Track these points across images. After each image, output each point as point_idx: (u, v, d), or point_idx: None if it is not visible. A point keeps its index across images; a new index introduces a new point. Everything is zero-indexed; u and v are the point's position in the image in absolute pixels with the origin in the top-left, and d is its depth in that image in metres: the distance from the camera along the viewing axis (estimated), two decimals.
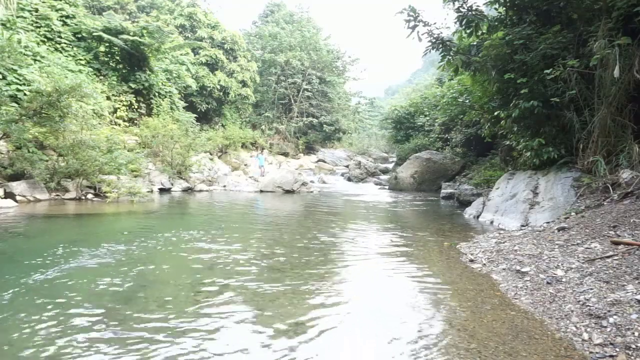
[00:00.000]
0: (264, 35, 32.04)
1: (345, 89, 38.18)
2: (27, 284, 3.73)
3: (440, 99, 16.32)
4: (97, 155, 10.13)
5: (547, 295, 3.41)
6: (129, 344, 2.62)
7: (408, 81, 74.96)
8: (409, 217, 8.95)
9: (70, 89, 9.58)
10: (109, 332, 2.80)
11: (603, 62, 6.24)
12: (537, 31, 7.31)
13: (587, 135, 6.77)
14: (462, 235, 6.41)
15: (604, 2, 6.40)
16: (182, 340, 2.69)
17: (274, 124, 31.30)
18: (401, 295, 3.74)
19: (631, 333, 2.56)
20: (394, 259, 5.01)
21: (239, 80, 25.57)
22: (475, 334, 2.82)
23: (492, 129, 10.16)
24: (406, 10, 8.10)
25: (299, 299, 3.53)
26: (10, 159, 9.64)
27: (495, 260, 4.66)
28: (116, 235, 5.95)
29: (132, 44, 15.55)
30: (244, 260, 4.79)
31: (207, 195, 12.65)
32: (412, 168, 15.50)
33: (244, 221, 8.22)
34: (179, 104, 18.72)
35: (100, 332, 2.80)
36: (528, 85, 7.16)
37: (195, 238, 5.98)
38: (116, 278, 3.96)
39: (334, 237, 6.29)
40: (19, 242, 5.51)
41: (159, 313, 3.14)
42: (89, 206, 9.22)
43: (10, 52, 9.89)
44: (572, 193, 6.50)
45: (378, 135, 40.05)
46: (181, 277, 4.14)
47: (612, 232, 4.36)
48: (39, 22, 13.66)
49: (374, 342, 2.76)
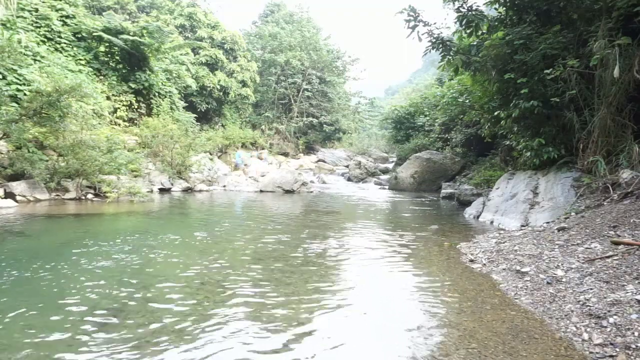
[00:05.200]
0: (264, 35, 32.05)
1: (345, 89, 38.17)
2: (27, 284, 3.73)
3: (440, 99, 16.32)
4: (97, 155, 10.12)
5: (547, 295, 3.41)
6: (128, 345, 2.61)
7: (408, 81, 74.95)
8: (409, 217, 8.95)
9: (70, 89, 9.57)
10: (108, 332, 2.80)
11: (603, 62, 6.24)
12: (537, 31, 7.31)
13: (587, 135, 6.78)
14: (462, 235, 6.41)
15: (604, 2, 6.40)
16: (182, 340, 2.69)
17: (274, 124, 31.30)
18: (401, 295, 3.73)
19: (631, 333, 2.56)
20: (394, 258, 5.01)
21: (239, 80, 25.58)
22: (475, 334, 2.82)
23: (492, 129, 10.16)
24: (406, 10, 8.11)
25: (298, 299, 3.53)
26: (10, 159, 9.63)
27: (496, 260, 4.66)
28: (116, 236, 5.95)
29: (132, 44, 15.55)
30: (244, 261, 4.79)
31: (207, 195, 12.65)
32: (412, 168, 15.50)
33: (243, 221, 8.22)
34: (179, 104, 18.72)
35: (100, 332, 2.80)
36: (528, 85, 7.16)
37: (196, 238, 5.98)
38: (116, 278, 3.96)
39: (334, 237, 6.29)
40: (19, 242, 5.50)
41: (158, 313, 3.13)
42: (89, 206, 9.22)
43: (10, 52, 9.88)
44: (572, 193, 6.50)
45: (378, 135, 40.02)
46: (181, 277, 4.13)
47: (612, 232, 4.35)
48: (39, 22, 13.65)
49: (374, 342, 2.76)
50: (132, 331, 2.80)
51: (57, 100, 9.45)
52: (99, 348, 2.56)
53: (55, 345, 2.60)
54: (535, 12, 7.68)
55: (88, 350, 2.53)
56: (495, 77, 7.95)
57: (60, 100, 9.52)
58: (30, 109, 9.30)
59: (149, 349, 2.56)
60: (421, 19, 8.10)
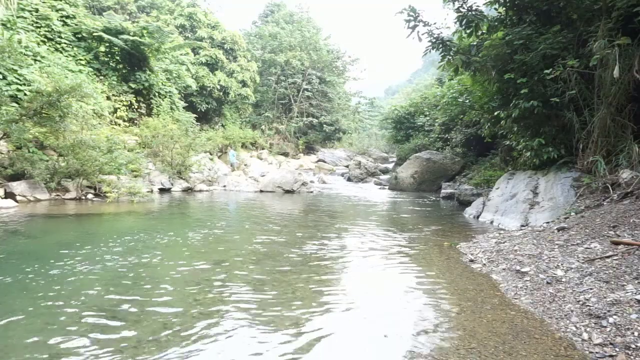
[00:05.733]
0: (264, 35, 32.05)
1: (345, 89, 38.18)
2: (26, 284, 3.74)
3: (440, 99, 16.32)
4: (97, 155, 10.12)
5: (547, 295, 3.42)
6: (128, 345, 2.62)
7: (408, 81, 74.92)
8: (409, 217, 8.96)
9: (70, 89, 9.58)
10: (108, 332, 2.80)
11: (603, 62, 6.25)
12: (537, 31, 7.31)
13: (587, 135, 6.78)
14: (462, 235, 6.42)
15: (604, 2, 6.40)
16: (182, 341, 2.69)
17: (274, 124, 31.31)
18: (401, 295, 3.74)
19: (631, 333, 2.57)
20: (394, 258, 5.01)
21: (239, 80, 25.57)
22: (475, 333, 2.82)
23: (492, 129, 10.17)
24: (406, 10, 8.11)
25: (298, 299, 3.53)
26: (10, 159, 9.64)
27: (495, 260, 4.66)
28: (116, 236, 5.95)
29: (132, 44, 15.55)
30: (243, 261, 4.80)
31: (207, 196, 12.65)
32: (412, 168, 15.51)
33: (243, 221, 8.22)
34: (179, 104, 18.71)
35: (99, 332, 2.80)
36: (528, 85, 7.16)
37: (195, 238, 5.98)
38: (115, 279, 3.96)
39: (334, 237, 6.29)
40: (19, 242, 5.51)
41: (158, 313, 3.14)
42: (89, 206, 9.22)
43: (10, 52, 9.89)
44: (572, 193, 6.51)
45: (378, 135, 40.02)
46: (181, 277, 4.14)
47: (612, 232, 4.36)
48: (39, 22, 13.66)
49: (373, 342, 2.76)
50: (132, 331, 2.81)
51: (58, 100, 9.45)
52: (98, 349, 2.56)
53: (55, 345, 2.60)
54: (535, 12, 7.69)
55: (87, 351, 2.53)
56: (495, 77, 7.96)
57: (61, 100, 9.52)
58: (31, 109, 9.30)
59: (148, 348, 2.57)
60: (421, 19, 8.11)
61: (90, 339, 2.69)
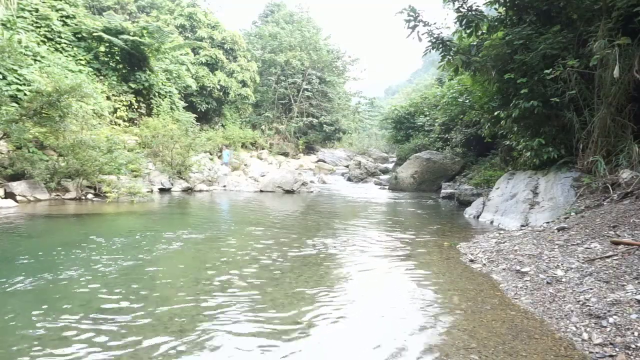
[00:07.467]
0: (264, 35, 32.03)
1: (345, 89, 38.15)
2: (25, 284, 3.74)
3: (440, 99, 16.32)
4: (97, 155, 10.11)
5: (547, 295, 3.42)
6: (128, 346, 2.62)
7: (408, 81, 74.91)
8: (409, 217, 8.96)
9: (70, 89, 9.57)
10: (107, 333, 2.80)
11: (603, 62, 6.25)
12: (537, 31, 7.31)
13: (587, 135, 6.78)
14: (462, 235, 6.42)
15: (604, 2, 6.40)
16: (182, 341, 2.69)
17: (274, 124, 31.29)
18: (401, 295, 3.74)
19: (631, 333, 2.57)
20: (394, 258, 5.01)
21: (239, 80, 25.56)
22: (475, 333, 2.82)
23: (492, 129, 10.17)
24: (406, 10, 8.11)
25: (297, 300, 3.53)
26: (10, 159, 9.63)
27: (495, 260, 4.66)
28: (115, 236, 5.95)
29: (132, 44, 15.55)
30: (244, 261, 4.79)
31: (207, 196, 12.65)
32: (412, 168, 15.51)
33: (243, 221, 8.22)
34: (179, 104, 18.71)
35: (98, 333, 2.80)
36: (528, 85, 7.16)
37: (195, 238, 5.98)
38: (114, 279, 3.96)
39: (334, 237, 6.29)
40: (19, 242, 5.51)
41: (158, 314, 3.14)
42: (89, 206, 9.22)
43: (10, 52, 9.88)
44: (572, 193, 6.51)
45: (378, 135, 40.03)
46: (181, 277, 4.14)
47: (612, 232, 4.36)
48: (39, 22, 13.65)
49: (373, 341, 2.76)
50: (131, 331, 2.81)
51: (57, 100, 9.44)
52: (97, 349, 2.56)
53: (52, 346, 2.60)
54: (535, 12, 7.69)
55: (86, 352, 2.53)
56: (495, 77, 7.96)
57: (61, 100, 9.51)
58: (31, 109, 9.30)
59: (148, 349, 2.57)
60: (421, 19, 8.11)
61: (89, 339, 2.68)
